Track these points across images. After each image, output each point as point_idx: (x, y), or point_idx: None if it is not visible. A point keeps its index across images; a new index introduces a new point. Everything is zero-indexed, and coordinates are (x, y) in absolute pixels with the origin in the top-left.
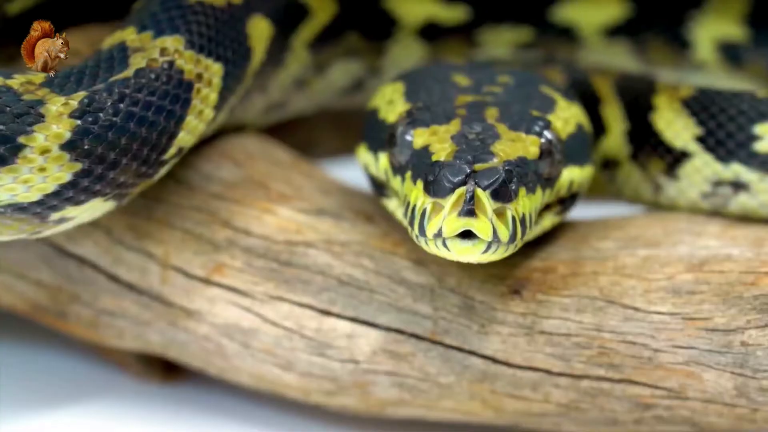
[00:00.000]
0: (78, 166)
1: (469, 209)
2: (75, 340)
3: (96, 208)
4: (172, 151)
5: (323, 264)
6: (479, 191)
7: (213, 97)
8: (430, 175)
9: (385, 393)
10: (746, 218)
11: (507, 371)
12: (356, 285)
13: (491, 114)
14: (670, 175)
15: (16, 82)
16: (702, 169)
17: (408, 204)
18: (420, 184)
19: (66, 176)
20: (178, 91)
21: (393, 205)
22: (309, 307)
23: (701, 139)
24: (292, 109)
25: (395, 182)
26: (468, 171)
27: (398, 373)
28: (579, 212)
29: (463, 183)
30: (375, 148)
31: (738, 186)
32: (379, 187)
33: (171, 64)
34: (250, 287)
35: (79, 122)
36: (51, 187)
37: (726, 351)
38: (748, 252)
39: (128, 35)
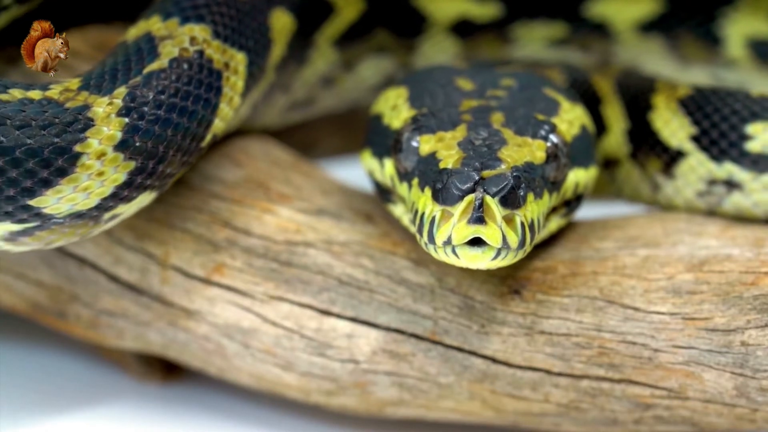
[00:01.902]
0: (132, 165)
1: (478, 216)
2: (75, 340)
3: (142, 201)
4: (209, 138)
5: (323, 264)
6: (488, 198)
7: (240, 84)
8: (438, 183)
9: (385, 393)
10: (742, 218)
11: (507, 371)
12: (356, 285)
13: (497, 119)
14: (668, 174)
15: (54, 92)
16: (697, 168)
17: (416, 211)
18: (428, 191)
19: (122, 177)
20: (210, 80)
21: (399, 211)
22: (309, 307)
23: (696, 139)
24: (320, 107)
25: (402, 189)
26: (476, 178)
27: (398, 373)
28: (579, 212)
29: (472, 190)
30: (380, 154)
31: (731, 185)
32: (385, 193)
33: (201, 53)
34: (250, 287)
35: (127, 120)
36: (108, 190)
37: (726, 351)
38: (748, 252)
39: (153, 25)
